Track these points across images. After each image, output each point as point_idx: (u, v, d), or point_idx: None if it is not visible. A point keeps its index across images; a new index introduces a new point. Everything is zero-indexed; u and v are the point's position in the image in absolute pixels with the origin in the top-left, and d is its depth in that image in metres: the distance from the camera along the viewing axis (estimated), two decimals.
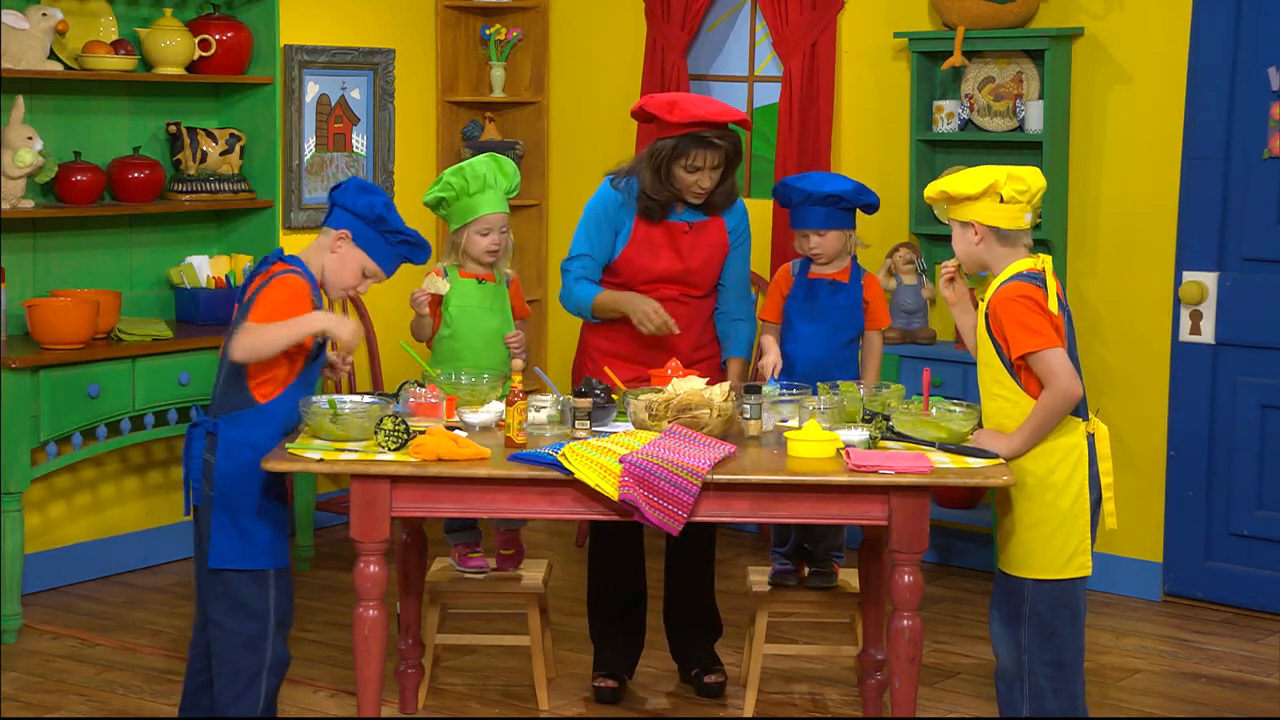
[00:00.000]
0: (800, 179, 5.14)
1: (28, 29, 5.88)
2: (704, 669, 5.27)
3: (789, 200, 5.13)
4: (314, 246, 4.56)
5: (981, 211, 4.38)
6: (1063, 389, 4.28)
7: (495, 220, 5.17)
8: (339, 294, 4.59)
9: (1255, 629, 6.04)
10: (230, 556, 4.43)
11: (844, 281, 5.15)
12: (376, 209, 4.51)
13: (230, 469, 4.41)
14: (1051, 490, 4.35)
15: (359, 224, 4.52)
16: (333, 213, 4.56)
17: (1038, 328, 4.28)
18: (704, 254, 5.19)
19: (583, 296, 5.17)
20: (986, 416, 4.47)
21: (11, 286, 6.06)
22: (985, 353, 4.40)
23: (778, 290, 5.22)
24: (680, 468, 4.30)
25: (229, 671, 4.45)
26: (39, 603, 6.12)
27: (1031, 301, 4.30)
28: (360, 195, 4.53)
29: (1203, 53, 6.12)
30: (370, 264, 4.55)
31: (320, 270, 4.52)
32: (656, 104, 5.07)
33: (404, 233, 4.56)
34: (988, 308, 4.37)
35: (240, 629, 4.45)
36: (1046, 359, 4.28)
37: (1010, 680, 4.41)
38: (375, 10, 7.28)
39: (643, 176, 5.11)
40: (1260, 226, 6.09)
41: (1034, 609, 4.37)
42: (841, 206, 5.08)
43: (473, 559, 5.23)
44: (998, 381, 4.38)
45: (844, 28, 6.91)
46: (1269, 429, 6.10)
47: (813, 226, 5.10)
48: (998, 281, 4.38)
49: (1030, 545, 4.36)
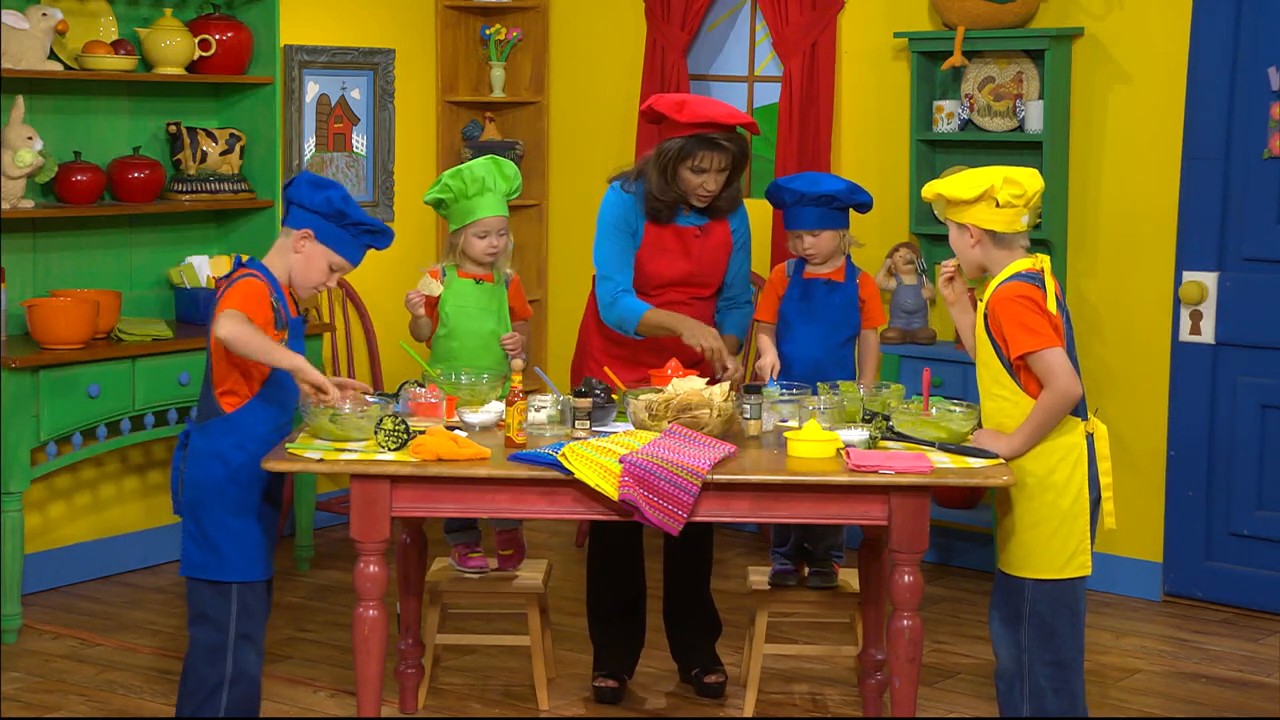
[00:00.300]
0: (793, 180, 5.15)
1: (28, 29, 5.88)
2: (704, 669, 5.27)
3: (782, 201, 5.14)
4: (276, 249, 4.50)
5: (977, 215, 4.38)
6: (1062, 388, 4.28)
7: (492, 223, 5.17)
8: (309, 293, 4.53)
9: (1255, 629, 6.04)
10: (196, 565, 4.42)
11: (839, 281, 5.15)
12: (335, 204, 4.45)
13: (198, 478, 4.41)
14: (1051, 490, 4.35)
15: (320, 221, 4.45)
16: (290, 212, 4.49)
17: (1037, 327, 4.28)
18: (712, 256, 5.19)
19: (628, 311, 5.06)
20: (986, 416, 4.47)
21: (11, 286, 6.06)
22: (984, 353, 4.40)
23: (773, 290, 5.22)
24: (680, 468, 4.30)
25: (192, 681, 4.46)
26: (39, 603, 6.12)
27: (1030, 301, 4.30)
28: (316, 191, 4.46)
29: (1203, 53, 6.12)
30: (336, 258, 4.49)
31: (285, 272, 4.47)
32: (665, 103, 5.06)
33: (366, 223, 4.50)
34: (986, 308, 4.37)
35: (201, 638, 4.44)
36: (1046, 359, 4.28)
37: (1010, 680, 4.41)
38: (375, 10, 7.29)
39: (649, 178, 5.10)
40: (1260, 226, 6.09)
41: (1034, 609, 4.36)
42: (834, 206, 5.08)
43: (473, 559, 5.23)
44: (997, 381, 4.38)
45: (844, 28, 6.91)
46: (1269, 429, 6.10)
47: (806, 227, 5.11)
48: (996, 282, 4.38)
49: (1030, 545, 4.36)
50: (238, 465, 4.40)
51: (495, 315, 5.23)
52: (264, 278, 4.41)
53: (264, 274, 4.42)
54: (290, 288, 4.49)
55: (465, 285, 5.22)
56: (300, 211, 4.47)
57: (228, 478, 4.39)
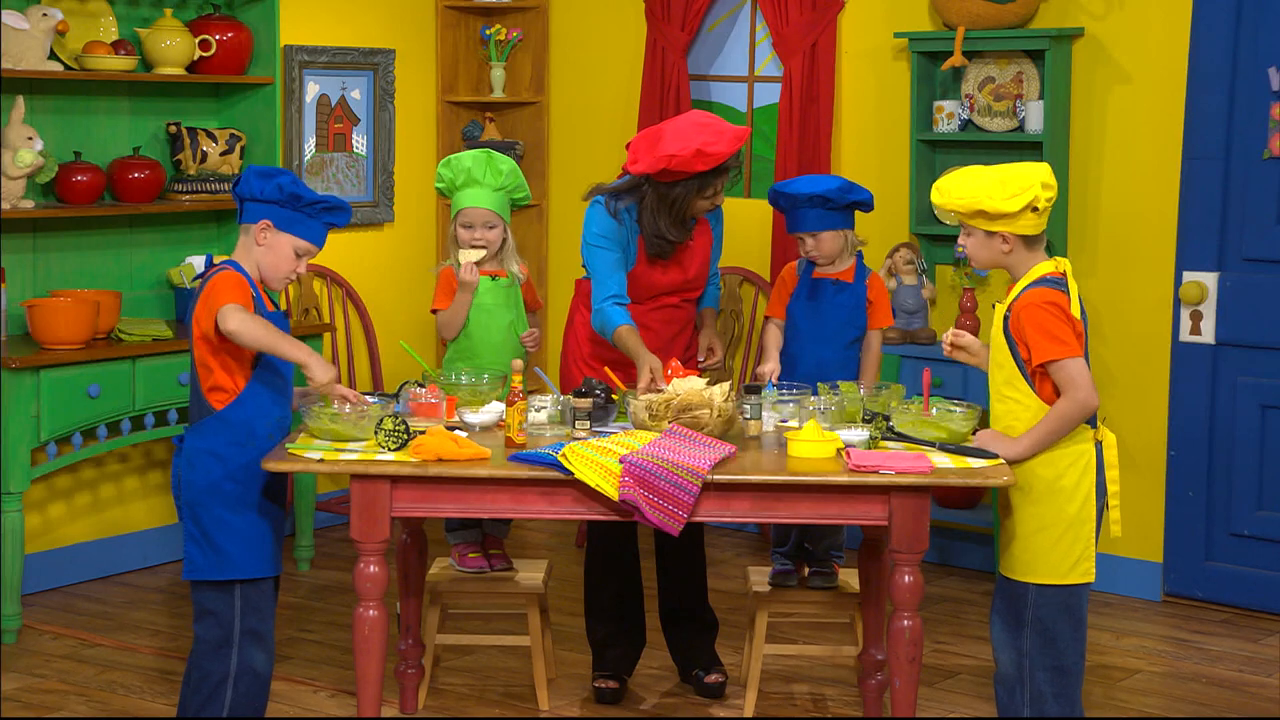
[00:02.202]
0: (789, 184, 5.15)
1: (28, 29, 5.88)
2: (704, 669, 5.27)
3: (781, 206, 5.14)
4: (241, 249, 4.47)
5: (1016, 224, 4.35)
6: (1082, 398, 4.27)
7: (475, 215, 5.22)
8: (281, 283, 4.50)
9: (1255, 629, 6.04)
10: (201, 568, 4.41)
11: (848, 282, 5.16)
12: (287, 189, 4.42)
13: (196, 479, 4.39)
14: (1060, 495, 4.33)
15: (275, 209, 4.43)
16: (244, 209, 4.46)
17: (1062, 336, 4.26)
18: (701, 259, 5.23)
19: (609, 322, 5.06)
20: (995, 418, 4.45)
21: (11, 286, 6.06)
22: (1000, 354, 4.37)
23: (784, 287, 5.22)
24: (680, 468, 4.30)
25: (196, 677, 4.45)
26: (39, 603, 6.12)
27: (1057, 308, 4.28)
28: (265, 182, 4.43)
29: (1203, 53, 6.12)
30: (300, 242, 4.46)
31: (254, 268, 4.45)
32: (683, 158, 4.93)
33: (321, 200, 4.47)
34: (1009, 311, 4.34)
35: (205, 635, 4.43)
36: (1068, 368, 4.27)
37: (1011, 685, 4.40)
38: (375, 10, 7.29)
39: (654, 223, 5.05)
40: (1260, 226, 6.09)
41: (1037, 614, 4.35)
42: (830, 206, 5.08)
43: (473, 558, 5.23)
44: (1010, 384, 4.36)
45: (844, 28, 6.91)
46: (1269, 429, 6.10)
47: (805, 229, 5.11)
48: (1021, 285, 4.34)
49: (1036, 550, 4.35)
50: (234, 461, 4.39)
51: (513, 309, 5.30)
52: (240, 272, 4.41)
53: (239, 270, 4.42)
54: (262, 283, 4.48)
55: (481, 281, 5.27)
56: (254, 205, 4.44)
57: (225, 474, 4.38)
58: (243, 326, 4.27)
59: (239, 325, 4.27)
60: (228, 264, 4.43)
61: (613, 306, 5.06)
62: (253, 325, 4.28)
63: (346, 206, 4.53)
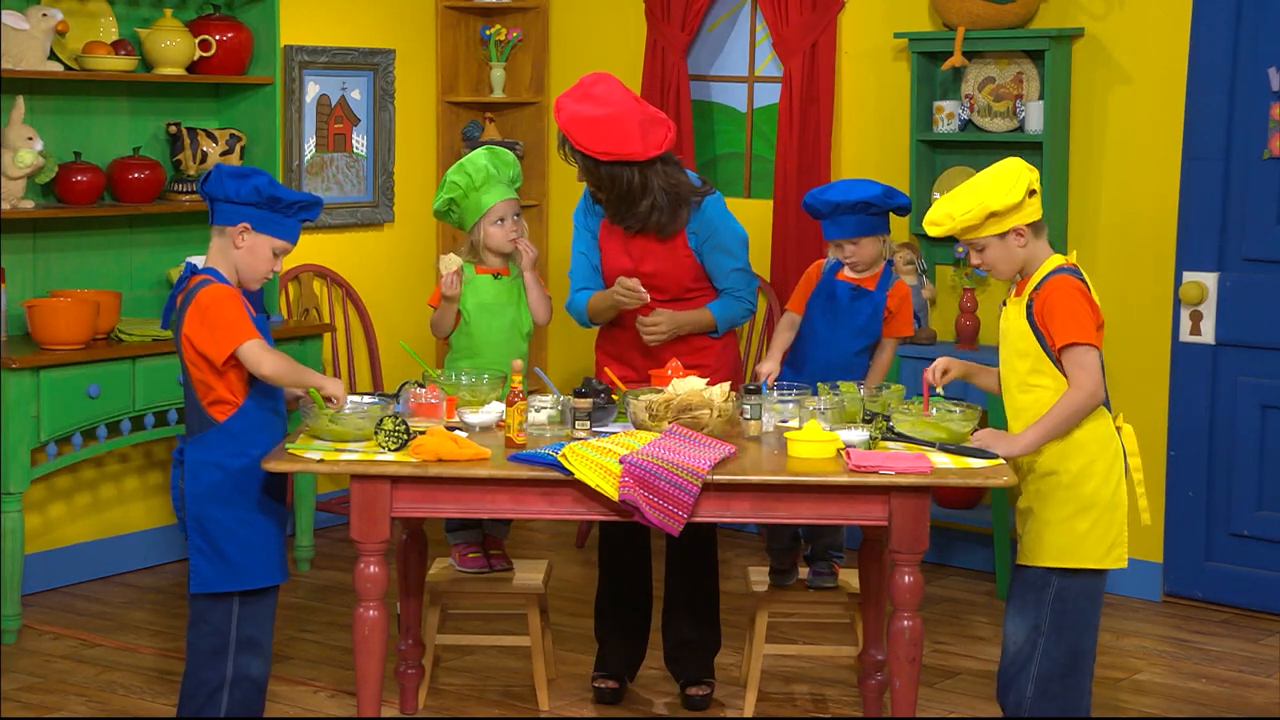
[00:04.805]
0: (827, 190, 5.05)
1: (28, 29, 5.88)
2: (689, 680, 5.19)
3: (819, 213, 5.04)
4: (216, 251, 4.43)
5: (1022, 214, 4.36)
6: (1091, 389, 4.28)
7: (506, 208, 5.25)
8: (259, 284, 4.48)
9: (1255, 629, 6.04)
10: (210, 581, 4.39)
11: (869, 289, 5.08)
12: (265, 191, 4.39)
13: (199, 491, 4.38)
14: (1094, 479, 4.34)
15: (253, 211, 4.40)
16: (218, 210, 4.41)
17: (1086, 322, 4.30)
18: (656, 262, 5.09)
19: (578, 304, 5.20)
20: (1017, 412, 4.42)
21: (11, 286, 6.06)
22: (1024, 344, 4.36)
23: (808, 283, 5.15)
24: (680, 468, 4.30)
25: (191, 684, 4.45)
26: (39, 603, 6.12)
27: (1081, 294, 4.32)
28: (241, 183, 4.39)
29: (1203, 53, 6.12)
30: (278, 243, 4.44)
31: (232, 270, 4.42)
32: None
33: (299, 200, 4.45)
34: (1032, 298, 4.35)
35: (200, 642, 4.43)
36: (1085, 356, 4.28)
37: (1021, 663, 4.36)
38: (375, 10, 7.28)
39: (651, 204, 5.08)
40: (1260, 226, 6.09)
41: (1061, 596, 4.33)
42: (872, 212, 5.02)
43: (473, 558, 5.23)
44: (1037, 370, 4.35)
45: (844, 28, 6.91)
46: (1269, 429, 6.10)
47: (846, 236, 5.01)
48: (1039, 276, 4.35)
49: (1071, 535, 4.33)
50: (238, 470, 4.38)
51: (515, 307, 5.29)
52: (224, 283, 4.38)
53: (223, 280, 4.39)
54: (240, 285, 4.46)
55: (484, 281, 5.27)
56: (230, 207, 4.40)
57: (231, 485, 4.37)
58: (276, 371, 4.33)
59: (273, 370, 4.33)
60: (210, 274, 4.39)
61: (578, 293, 5.19)
62: (285, 367, 4.35)
63: (319, 200, 4.52)
